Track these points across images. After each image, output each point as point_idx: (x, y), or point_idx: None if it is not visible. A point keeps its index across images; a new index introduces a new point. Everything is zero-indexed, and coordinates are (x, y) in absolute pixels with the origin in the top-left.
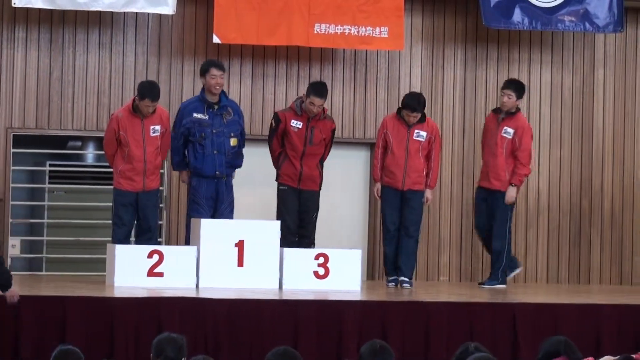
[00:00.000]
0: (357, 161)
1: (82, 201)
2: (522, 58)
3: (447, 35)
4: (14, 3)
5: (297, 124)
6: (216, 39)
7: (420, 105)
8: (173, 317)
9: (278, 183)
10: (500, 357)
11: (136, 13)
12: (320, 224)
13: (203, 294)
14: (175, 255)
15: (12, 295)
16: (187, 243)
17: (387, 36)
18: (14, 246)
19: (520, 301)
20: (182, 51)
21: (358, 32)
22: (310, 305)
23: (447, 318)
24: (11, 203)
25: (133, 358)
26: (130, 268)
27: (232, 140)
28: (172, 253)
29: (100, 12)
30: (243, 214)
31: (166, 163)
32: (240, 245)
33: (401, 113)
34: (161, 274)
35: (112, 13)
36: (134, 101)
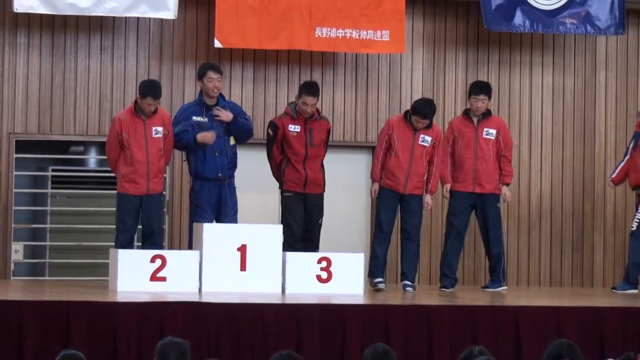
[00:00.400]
0: (359, 165)
1: (85, 206)
2: (524, 61)
3: (449, 38)
4: (16, 9)
5: (295, 128)
6: (217, 44)
7: (431, 112)
8: (176, 322)
9: (282, 190)
10: None
11: (138, 18)
12: (322, 228)
13: (206, 299)
14: (178, 259)
15: None
16: (190, 247)
17: (389, 40)
18: (17, 251)
19: (523, 304)
20: (184, 56)
21: (359, 36)
22: (313, 309)
23: (450, 321)
24: (14, 208)
25: None
26: (133, 273)
27: (231, 139)
28: (175, 257)
29: (101, 17)
30: (246, 219)
31: (168, 168)
32: (242, 249)
33: (408, 117)
34: (164, 279)
35: (114, 18)
36: (136, 102)
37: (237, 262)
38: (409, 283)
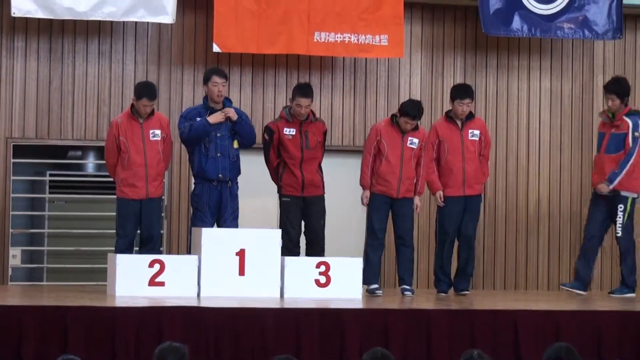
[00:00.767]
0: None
1: (83, 211)
2: (522, 65)
3: (447, 42)
4: (13, 13)
5: (291, 131)
6: (216, 48)
7: (420, 113)
8: (175, 327)
9: (280, 195)
10: None
11: (136, 22)
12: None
13: (204, 303)
14: (176, 264)
15: None
16: (189, 252)
17: (387, 44)
18: (15, 256)
19: (521, 308)
20: (182, 60)
21: (358, 40)
22: (311, 313)
23: (449, 325)
24: (11, 213)
25: None
26: (131, 277)
27: (235, 142)
28: (173, 262)
29: (99, 22)
30: (244, 223)
31: (167, 173)
32: (241, 254)
33: (396, 120)
34: (162, 284)
35: (112, 22)
36: (133, 105)
37: (236, 267)
38: (408, 287)
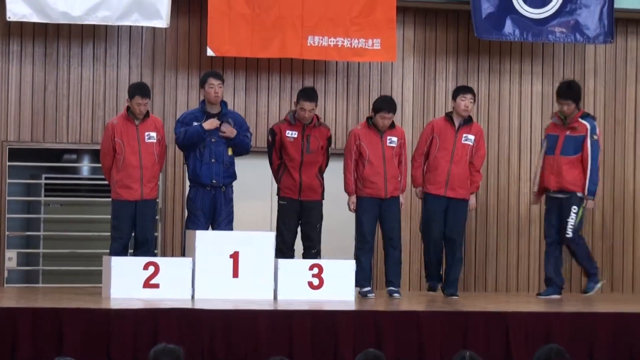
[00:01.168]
0: None
1: (78, 213)
2: (514, 69)
3: (439, 46)
4: (9, 17)
5: (292, 134)
6: (210, 52)
7: (394, 106)
8: (169, 328)
9: (278, 197)
10: None
11: (130, 26)
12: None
13: (199, 305)
14: (170, 266)
15: None
16: (183, 254)
17: (380, 48)
18: (11, 259)
19: (512, 310)
20: (176, 64)
21: (351, 44)
22: (305, 315)
23: (441, 327)
24: (7, 216)
25: None
26: (126, 280)
27: (230, 149)
28: (168, 265)
29: (94, 26)
30: (239, 226)
31: (161, 175)
32: (235, 256)
33: (372, 121)
34: (157, 286)
35: (106, 26)
36: (128, 108)
37: (230, 269)
38: (396, 289)
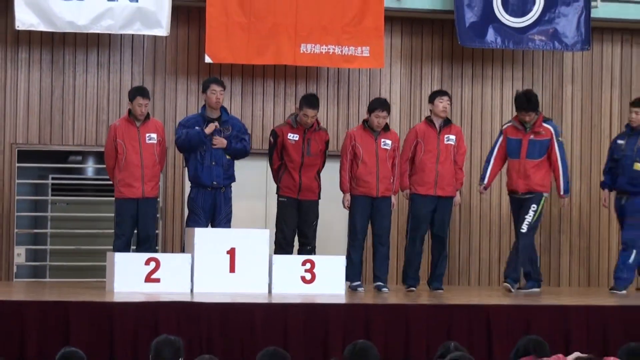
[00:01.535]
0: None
1: (83, 212)
2: (495, 75)
3: (425, 54)
4: (17, 26)
5: (294, 137)
6: (208, 59)
7: (388, 105)
8: (170, 320)
9: (278, 195)
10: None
11: (132, 35)
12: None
13: (197, 299)
14: (171, 262)
15: None
16: (183, 251)
17: (369, 55)
18: (19, 255)
19: (494, 303)
20: (176, 70)
21: (341, 52)
22: (298, 308)
23: (427, 319)
24: (16, 214)
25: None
26: (128, 274)
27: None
28: (168, 260)
29: (98, 35)
30: (235, 224)
31: (162, 175)
32: (231, 252)
33: (367, 124)
34: (158, 280)
35: (110, 35)
36: (130, 111)
37: (227, 265)
38: (383, 284)
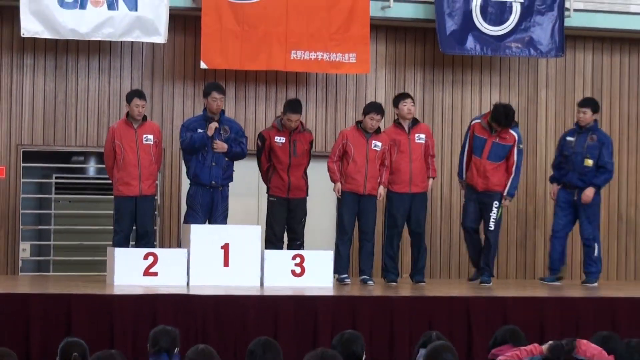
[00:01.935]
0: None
1: (85, 209)
2: (474, 80)
3: (408, 60)
4: (23, 34)
5: (281, 140)
6: (203, 65)
7: (383, 110)
8: (167, 312)
9: (268, 195)
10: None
11: (132, 42)
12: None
13: (193, 291)
14: (168, 257)
15: None
16: (179, 246)
17: (355, 61)
18: (25, 250)
19: (473, 295)
20: (173, 76)
21: (329, 58)
22: (288, 300)
23: (410, 310)
24: (22, 211)
25: (131, 349)
26: (128, 268)
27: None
28: (166, 255)
29: (99, 42)
30: (229, 221)
31: (160, 174)
32: (225, 247)
33: (360, 125)
34: (156, 274)
35: (111, 42)
36: (127, 114)
37: (221, 259)
38: (368, 277)
